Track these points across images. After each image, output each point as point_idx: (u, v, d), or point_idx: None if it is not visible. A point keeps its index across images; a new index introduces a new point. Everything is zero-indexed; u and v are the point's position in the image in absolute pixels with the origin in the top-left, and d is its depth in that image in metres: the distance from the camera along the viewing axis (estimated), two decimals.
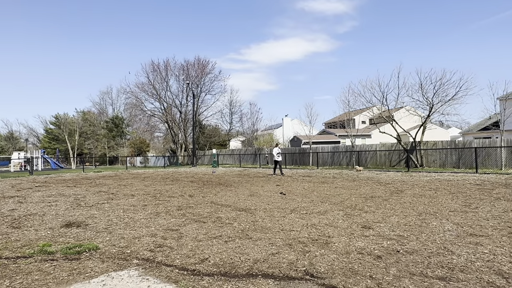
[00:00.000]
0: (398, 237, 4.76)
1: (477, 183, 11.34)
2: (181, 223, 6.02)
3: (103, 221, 6.34)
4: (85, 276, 3.50)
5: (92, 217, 6.77)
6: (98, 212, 7.34)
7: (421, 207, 7.13)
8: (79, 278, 3.43)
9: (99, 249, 4.46)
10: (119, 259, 4.06)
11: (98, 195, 10.60)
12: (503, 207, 6.81)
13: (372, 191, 10.12)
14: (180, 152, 43.22)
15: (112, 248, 4.52)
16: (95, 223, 6.22)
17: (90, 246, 4.53)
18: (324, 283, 3.19)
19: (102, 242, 4.86)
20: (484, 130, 30.27)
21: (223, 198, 9.21)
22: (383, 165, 22.74)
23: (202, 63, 41.86)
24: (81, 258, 4.11)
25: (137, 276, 3.44)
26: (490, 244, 4.30)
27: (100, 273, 3.56)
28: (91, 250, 4.39)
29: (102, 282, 3.30)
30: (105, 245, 4.69)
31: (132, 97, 43.54)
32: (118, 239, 5.02)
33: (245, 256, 4.06)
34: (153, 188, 12.52)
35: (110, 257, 4.14)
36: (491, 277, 3.21)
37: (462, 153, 19.18)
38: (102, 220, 6.44)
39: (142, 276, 3.44)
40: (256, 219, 6.28)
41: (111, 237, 5.15)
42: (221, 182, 14.60)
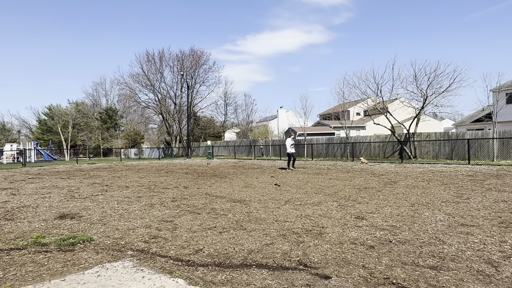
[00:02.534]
0: (391, 227, 4.82)
1: (469, 174, 11.47)
2: (175, 215, 6.03)
3: (97, 213, 6.33)
4: (80, 267, 3.50)
5: (86, 209, 6.75)
6: (92, 204, 7.32)
7: (414, 197, 7.21)
8: (73, 269, 3.43)
9: (93, 241, 4.46)
10: (114, 250, 4.07)
11: (92, 186, 10.56)
12: (494, 198, 6.91)
13: (366, 182, 10.20)
14: (175, 143, 43.09)
15: (106, 240, 4.52)
16: (89, 214, 6.21)
17: (84, 237, 4.52)
18: (317, 272, 3.23)
19: (97, 233, 4.85)
20: (477, 121, 30.52)
21: (218, 190, 9.23)
22: (377, 157, 22.89)
23: (197, 54, 41.53)
24: (75, 249, 4.11)
25: (132, 267, 3.45)
26: (480, 234, 4.37)
27: (94, 264, 3.56)
28: (85, 242, 4.39)
29: (97, 273, 3.31)
30: (100, 236, 4.69)
31: (126, 88, 43.16)
32: (113, 230, 5.02)
33: (240, 246, 4.09)
34: (148, 179, 12.50)
35: (104, 248, 4.14)
36: (481, 266, 3.27)
37: (455, 145, 19.35)
38: (96, 212, 6.42)
39: (137, 267, 3.45)
40: (250, 210, 6.31)
41: (105, 228, 5.15)
42: (215, 173, 14.61)
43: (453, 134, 20.65)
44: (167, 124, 42.91)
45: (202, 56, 41.85)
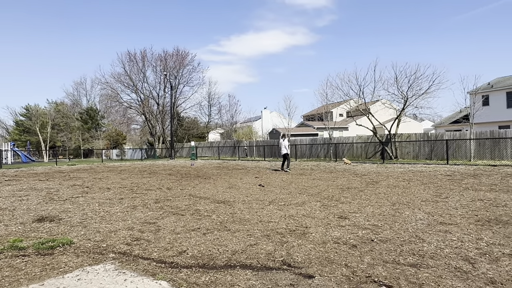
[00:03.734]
0: (372, 226, 4.90)
1: (447, 174, 11.79)
2: (158, 216, 5.96)
3: (78, 215, 6.19)
4: (59, 271, 3.41)
5: (66, 211, 6.59)
6: (72, 206, 7.15)
7: (395, 197, 7.35)
8: (52, 274, 3.35)
9: (73, 244, 4.36)
10: (95, 253, 3.99)
11: (72, 188, 10.31)
12: (471, 197, 7.13)
13: (349, 182, 10.35)
14: (158, 144, 42.57)
15: (87, 243, 4.42)
16: (69, 217, 6.06)
17: (64, 240, 4.41)
18: (301, 272, 3.26)
19: (77, 236, 4.75)
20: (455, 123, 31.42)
21: (202, 191, 9.18)
22: (360, 157, 23.25)
23: (181, 55, 41.17)
24: (55, 253, 4.01)
25: (114, 270, 3.39)
26: (458, 232, 4.50)
27: (74, 268, 3.48)
28: (65, 245, 4.28)
29: (77, 276, 3.24)
30: (80, 239, 4.59)
31: (108, 88, 42.39)
32: (94, 233, 4.92)
33: (224, 247, 4.08)
34: (130, 181, 12.30)
35: (85, 251, 4.06)
36: (459, 263, 3.37)
37: (434, 145, 19.86)
38: (76, 214, 6.28)
39: (119, 270, 3.39)
40: (234, 211, 6.30)
41: (86, 231, 5.04)
42: (199, 174, 14.52)
43: (432, 135, 21.18)
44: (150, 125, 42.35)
45: (187, 56, 41.58)
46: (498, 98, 27.75)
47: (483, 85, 28.67)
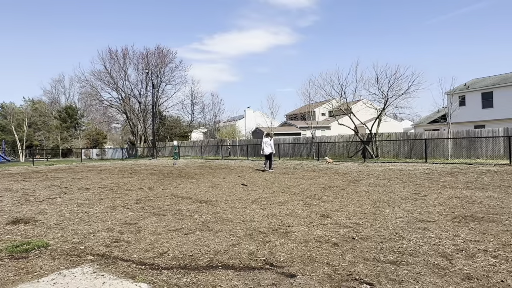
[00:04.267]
0: (354, 224, 4.96)
1: (426, 172, 12.08)
2: (139, 217, 5.86)
3: (55, 217, 6.00)
4: (34, 275, 3.30)
5: (42, 213, 6.38)
6: (49, 207, 6.94)
7: (375, 195, 7.47)
8: (26, 278, 3.23)
9: (49, 246, 4.22)
10: (72, 255, 3.87)
11: (49, 189, 10.01)
12: (448, 194, 7.32)
13: (331, 181, 10.46)
14: (140, 144, 41.89)
15: (64, 245, 4.29)
16: (46, 219, 5.88)
17: (40, 243, 4.27)
18: (283, 271, 3.26)
19: (54, 238, 4.60)
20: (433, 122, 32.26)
21: (184, 191, 9.08)
22: (342, 156, 23.54)
23: (163, 52, 40.62)
24: (29, 256, 3.87)
25: (92, 273, 3.30)
26: (436, 229, 4.61)
27: (50, 272, 3.37)
28: (40, 248, 4.14)
29: (53, 280, 3.13)
30: (57, 241, 4.45)
31: (87, 86, 41.39)
32: (71, 235, 4.78)
33: (206, 248, 4.04)
34: (110, 181, 12.05)
35: (62, 254, 3.94)
36: (437, 260, 3.45)
37: (413, 144, 20.32)
38: (53, 216, 6.09)
39: (97, 273, 3.30)
40: (217, 210, 6.25)
41: (63, 233, 4.89)
42: (182, 174, 14.37)
43: (412, 135, 21.67)
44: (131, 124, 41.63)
45: (168, 54, 41.06)
46: (473, 99, 28.65)
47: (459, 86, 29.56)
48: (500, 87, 26.88)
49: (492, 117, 26.89)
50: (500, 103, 26.64)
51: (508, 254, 3.54)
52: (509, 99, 25.95)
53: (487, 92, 27.83)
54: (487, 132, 18.00)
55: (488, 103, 27.69)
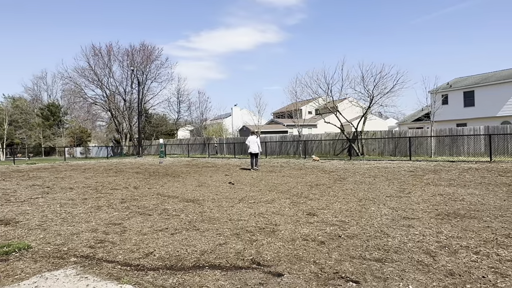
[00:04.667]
0: (340, 222, 5.01)
1: (410, 170, 12.30)
2: (124, 217, 5.77)
3: (37, 217, 5.86)
4: (14, 278, 3.21)
5: (23, 214, 6.22)
6: (31, 208, 6.77)
7: (361, 193, 7.56)
8: (6, 282, 3.13)
9: (31, 248, 4.12)
10: (55, 257, 3.78)
11: (31, 189, 9.77)
12: (432, 192, 7.47)
13: (317, 179, 10.53)
14: (125, 142, 41.31)
15: (46, 247, 4.19)
16: (27, 219, 5.73)
17: (21, 245, 4.15)
18: (270, 270, 3.26)
19: (35, 240, 4.49)
20: (417, 121, 32.86)
21: (170, 189, 8.99)
22: (328, 154, 23.75)
23: (148, 49, 40.10)
24: (10, 259, 3.76)
25: (75, 275, 3.23)
26: (420, 226, 4.69)
27: (32, 274, 3.28)
28: (21, 250, 4.03)
29: (34, 284, 3.05)
30: (39, 243, 4.34)
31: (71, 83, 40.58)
32: (54, 236, 4.67)
33: (192, 248, 4.01)
34: (95, 180, 11.84)
35: (44, 256, 3.84)
36: (421, 256, 3.51)
37: (398, 142, 20.66)
38: (35, 216, 5.95)
39: (81, 275, 3.24)
40: (204, 209, 6.22)
41: (45, 234, 4.78)
42: (168, 172, 14.23)
43: (396, 133, 22.02)
44: (116, 122, 41.01)
45: (154, 51, 40.59)
46: (456, 98, 29.29)
47: (442, 85, 30.16)
48: (481, 86, 27.56)
49: (473, 116, 27.56)
50: (481, 102, 27.32)
51: (489, 250, 3.63)
52: (490, 98, 26.64)
53: (468, 91, 28.49)
54: (469, 130, 18.44)
55: (469, 101, 28.35)
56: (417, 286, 2.83)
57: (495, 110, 26.29)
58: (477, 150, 17.75)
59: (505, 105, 25.90)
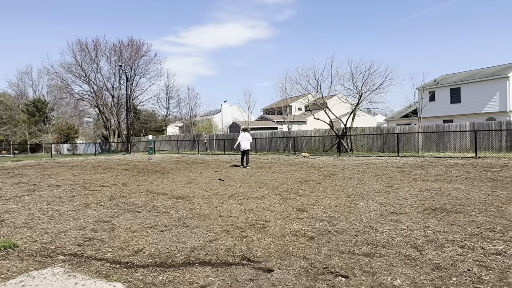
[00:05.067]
0: (329, 218, 5.05)
1: (398, 166, 12.47)
2: (113, 214, 5.71)
3: (23, 215, 5.76)
4: (0, 277, 3.15)
5: (9, 212, 6.10)
6: (17, 206, 6.64)
7: (350, 189, 7.64)
8: None
9: (17, 247, 4.05)
10: (42, 256, 3.73)
11: (17, 186, 9.59)
12: (419, 187, 7.59)
13: (307, 175, 10.59)
14: (113, 138, 40.82)
15: (33, 245, 4.13)
16: (13, 218, 5.63)
17: (6, 244, 4.07)
18: (260, 266, 3.27)
19: (21, 238, 4.41)
20: (405, 117, 33.25)
21: (160, 186, 8.93)
22: (317, 150, 23.89)
23: (136, 45, 39.56)
24: None
25: (63, 274, 3.19)
26: (408, 221, 4.77)
27: (18, 273, 3.23)
28: (7, 248, 3.96)
29: (21, 283, 3.00)
30: (25, 241, 4.27)
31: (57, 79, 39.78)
32: (41, 234, 4.60)
33: (182, 244, 4.00)
34: (82, 177, 11.68)
35: (31, 254, 3.78)
36: (408, 251, 3.57)
37: (386, 138, 20.89)
38: (21, 215, 5.84)
39: (69, 273, 3.20)
40: (194, 206, 6.20)
41: (32, 232, 4.70)
42: (157, 169, 14.13)
43: (385, 129, 22.27)
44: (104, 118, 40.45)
45: (142, 46, 40.04)
46: (443, 94, 29.73)
47: (430, 82, 30.57)
48: (467, 83, 28.02)
49: (459, 112, 28.03)
50: (467, 99, 27.79)
51: (474, 244, 3.71)
52: (475, 94, 27.12)
53: (455, 88, 28.93)
54: (455, 126, 18.76)
55: (456, 98, 28.80)
56: (404, 279, 2.88)
57: (481, 107, 26.79)
58: (463, 146, 18.09)
59: (490, 102, 26.41)
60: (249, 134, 15.13)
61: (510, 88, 25.30)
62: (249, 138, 14.82)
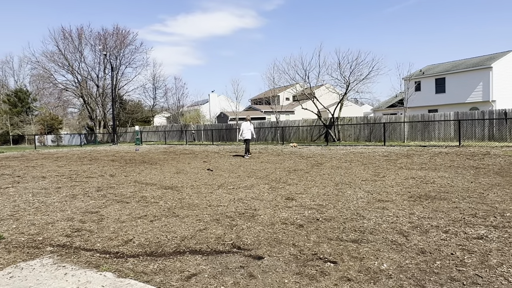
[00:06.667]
0: (318, 206, 5.13)
1: (384, 155, 12.67)
2: (101, 205, 5.67)
3: (8, 207, 5.66)
4: None
5: None
6: (1, 198, 6.52)
7: (338, 177, 7.75)
8: None
9: (3, 239, 3.99)
10: (30, 247, 3.69)
11: (0, 178, 9.38)
12: (405, 175, 7.75)
13: (295, 164, 10.67)
14: (99, 129, 40.14)
15: (20, 237, 4.08)
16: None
17: None
18: (250, 254, 3.31)
19: (8, 230, 4.35)
20: (391, 107, 33.68)
21: (148, 177, 8.88)
22: (305, 140, 24.04)
23: (122, 33, 38.67)
24: None
25: (52, 264, 3.17)
26: (394, 208, 4.88)
27: (6, 265, 3.20)
28: None
29: (9, 274, 2.97)
30: (11, 233, 4.21)
31: (39, 68, 38.68)
32: (28, 226, 4.54)
33: (172, 234, 4.01)
34: (68, 168, 11.51)
35: (18, 246, 3.74)
36: (394, 237, 3.66)
37: (373, 128, 21.16)
38: (6, 207, 5.74)
39: (58, 264, 3.18)
40: (183, 196, 6.20)
41: (18, 224, 4.64)
42: (145, 160, 14.01)
43: (371, 119, 22.52)
44: (89, 108, 39.66)
45: (128, 35, 39.14)
46: (428, 84, 30.17)
47: (415, 72, 30.94)
48: (451, 73, 28.48)
49: (444, 102, 28.53)
50: (452, 89, 28.29)
51: (457, 229, 3.83)
52: (460, 84, 27.62)
53: (440, 78, 29.39)
54: (440, 116, 19.11)
55: (440, 88, 29.28)
56: (391, 264, 2.96)
57: (464, 97, 27.32)
58: (447, 135, 18.47)
59: (473, 92, 26.94)
60: (249, 123, 14.80)
61: (493, 78, 25.84)
62: (249, 127, 14.57)
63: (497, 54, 27.90)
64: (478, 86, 26.64)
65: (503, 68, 26.47)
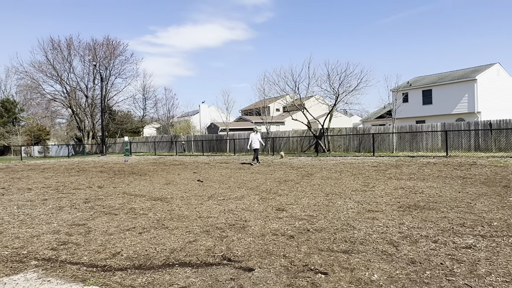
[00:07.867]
0: (308, 217, 5.12)
1: (374, 165, 12.78)
2: (88, 217, 5.56)
3: None
4: None
5: None
6: None
7: (328, 188, 7.77)
8: None
9: None
10: (13, 261, 3.58)
11: None
12: (394, 185, 7.82)
13: (286, 175, 10.68)
14: (87, 140, 39.63)
15: (3, 250, 3.96)
16: None
17: None
18: (241, 266, 3.28)
19: None
20: (380, 118, 34.13)
21: (137, 188, 8.77)
22: (295, 151, 24.12)
23: (112, 44, 38.59)
24: None
25: (36, 279, 3.08)
26: (384, 218, 4.90)
27: None
28: None
29: None
30: None
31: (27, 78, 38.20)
32: (12, 239, 4.42)
33: (161, 246, 3.94)
34: (55, 180, 11.29)
35: (1, 260, 3.62)
36: (385, 247, 3.67)
37: (362, 139, 21.37)
38: None
39: (43, 278, 3.09)
40: (172, 208, 6.12)
41: (1, 237, 4.51)
42: (134, 171, 13.85)
43: (361, 129, 22.76)
44: (77, 119, 39.20)
45: (118, 46, 39.09)
46: (415, 96, 30.73)
47: (403, 84, 31.52)
48: (438, 85, 29.09)
49: (431, 113, 29.05)
50: (438, 100, 28.86)
51: (446, 239, 3.86)
52: (446, 96, 28.21)
53: (427, 90, 29.97)
54: (427, 127, 19.42)
55: (428, 99, 29.84)
56: (382, 274, 2.96)
57: (451, 108, 27.88)
58: (434, 145, 18.75)
59: (459, 103, 27.52)
60: (257, 134, 16.51)
61: (478, 90, 26.48)
62: (258, 137, 16.22)
63: (481, 67, 28.66)
64: (464, 98, 27.23)
65: (487, 81, 27.18)
